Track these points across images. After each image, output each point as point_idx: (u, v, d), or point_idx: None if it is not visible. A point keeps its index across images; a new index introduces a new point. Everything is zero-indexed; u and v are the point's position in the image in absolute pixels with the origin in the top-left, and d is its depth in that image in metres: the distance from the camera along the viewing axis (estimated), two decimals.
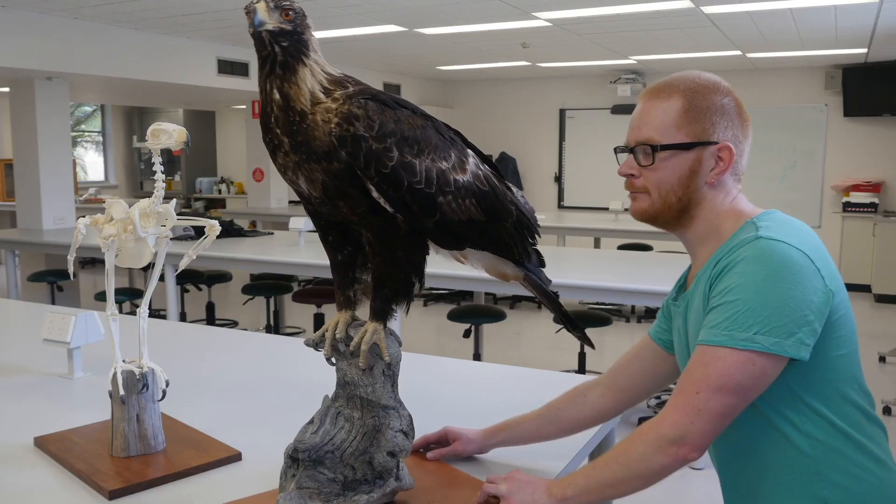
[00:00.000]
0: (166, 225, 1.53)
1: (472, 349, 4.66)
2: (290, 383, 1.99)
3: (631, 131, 1.30)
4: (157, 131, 1.45)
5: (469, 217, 1.28)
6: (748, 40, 6.70)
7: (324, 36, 6.36)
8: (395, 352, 1.27)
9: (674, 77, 1.29)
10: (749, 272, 1.13)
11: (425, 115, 1.28)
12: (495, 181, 1.35)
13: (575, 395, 1.49)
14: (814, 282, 1.12)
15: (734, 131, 1.25)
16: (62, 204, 6.20)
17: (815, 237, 1.20)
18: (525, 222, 1.41)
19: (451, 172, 1.25)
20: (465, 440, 1.47)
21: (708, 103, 1.24)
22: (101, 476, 1.37)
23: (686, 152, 1.24)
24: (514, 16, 5.61)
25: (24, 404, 1.83)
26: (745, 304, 1.11)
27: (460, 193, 1.26)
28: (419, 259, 1.27)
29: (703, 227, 1.28)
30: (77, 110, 11.96)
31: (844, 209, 8.28)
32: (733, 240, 1.21)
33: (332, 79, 1.21)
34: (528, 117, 10.08)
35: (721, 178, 1.25)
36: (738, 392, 1.12)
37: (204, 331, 2.75)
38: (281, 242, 5.30)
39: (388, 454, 1.23)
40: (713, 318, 1.15)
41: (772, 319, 1.10)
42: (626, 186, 1.32)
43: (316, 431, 1.23)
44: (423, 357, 2.29)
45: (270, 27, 1.17)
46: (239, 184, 11.88)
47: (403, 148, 1.19)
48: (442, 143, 1.26)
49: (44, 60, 5.51)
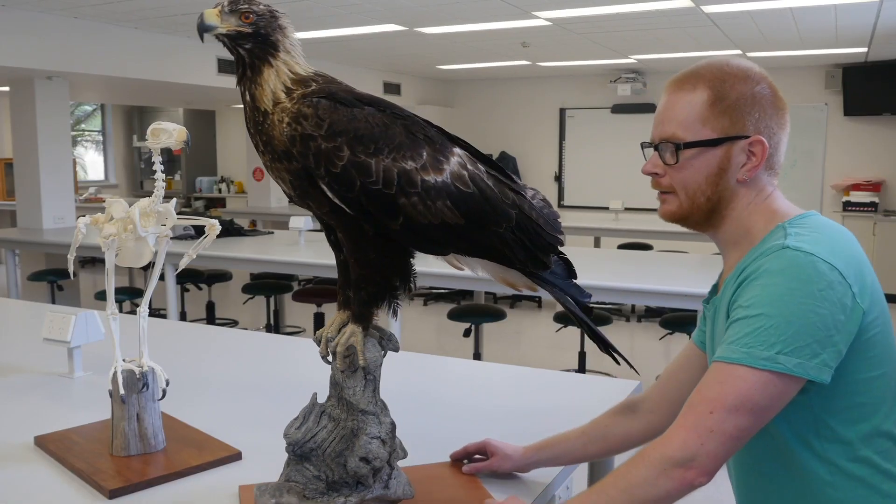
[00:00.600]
0: (166, 224, 1.53)
1: (473, 348, 4.66)
2: (291, 383, 1.99)
3: (655, 127, 1.23)
4: (157, 130, 1.45)
5: (442, 220, 1.19)
6: (748, 39, 6.70)
7: (323, 35, 6.36)
8: (373, 356, 1.23)
9: (700, 65, 1.20)
10: (772, 285, 1.05)
11: (397, 114, 1.22)
12: (488, 183, 1.24)
13: (623, 410, 1.40)
14: (843, 298, 1.04)
15: (767, 122, 1.16)
16: (62, 203, 6.20)
17: (853, 245, 1.12)
18: (531, 228, 1.27)
19: (419, 172, 1.18)
20: (502, 456, 1.39)
21: (737, 94, 1.16)
22: (101, 475, 1.37)
23: (713, 149, 1.16)
24: (514, 15, 5.61)
25: (24, 404, 1.83)
26: (768, 319, 1.03)
27: (429, 195, 1.18)
28: (398, 261, 1.23)
29: (734, 227, 1.20)
30: (77, 109, 11.96)
31: (844, 208, 8.28)
32: (761, 246, 1.13)
33: (297, 78, 1.21)
34: (528, 117, 10.08)
35: (753, 174, 1.17)
36: (754, 413, 1.03)
37: (204, 330, 2.75)
38: (281, 242, 5.29)
39: (361, 460, 1.20)
40: (733, 332, 1.07)
41: (796, 338, 1.02)
42: (652, 185, 1.24)
43: (299, 427, 1.24)
44: (423, 356, 2.29)
45: (223, 31, 1.20)
46: (239, 183, 11.87)
47: (356, 147, 1.15)
48: (410, 141, 1.19)
49: (44, 60, 5.50)
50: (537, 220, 1.28)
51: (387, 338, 1.28)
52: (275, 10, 1.23)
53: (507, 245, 1.25)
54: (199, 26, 1.20)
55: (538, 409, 1.80)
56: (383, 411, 1.24)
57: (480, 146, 6.81)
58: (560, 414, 1.77)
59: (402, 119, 1.21)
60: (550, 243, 1.30)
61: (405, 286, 1.25)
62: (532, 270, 1.31)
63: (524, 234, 1.26)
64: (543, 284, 1.34)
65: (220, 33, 1.20)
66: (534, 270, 1.31)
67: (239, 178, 11.93)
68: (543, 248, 1.29)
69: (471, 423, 1.71)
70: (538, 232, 1.28)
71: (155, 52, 6.25)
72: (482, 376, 2.17)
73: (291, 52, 1.22)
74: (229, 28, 1.19)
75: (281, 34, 1.22)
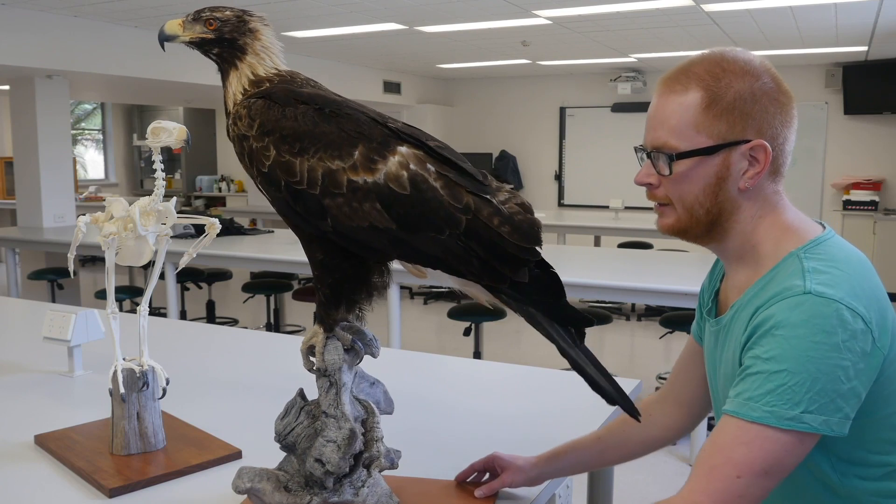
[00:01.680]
0: (166, 223, 1.53)
1: (473, 347, 4.66)
2: (291, 381, 1.99)
3: (647, 131, 1.12)
4: (157, 129, 1.45)
5: (370, 223, 1.11)
6: (749, 38, 6.69)
7: (323, 34, 6.36)
8: (331, 358, 1.21)
9: (694, 61, 1.09)
10: (795, 338, 0.97)
11: (336, 112, 1.15)
12: (433, 184, 1.11)
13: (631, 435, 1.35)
14: (864, 346, 0.98)
15: (770, 121, 1.05)
16: (62, 202, 6.20)
17: (872, 278, 1.04)
18: (488, 237, 1.11)
19: (346, 172, 1.11)
20: (514, 469, 1.32)
21: (734, 93, 1.05)
22: (101, 474, 1.37)
23: (710, 157, 1.06)
24: (515, 14, 5.60)
25: (24, 402, 1.83)
26: (792, 377, 0.96)
27: (356, 196, 1.10)
28: (346, 263, 1.18)
29: (739, 242, 1.11)
30: (77, 108, 11.96)
31: (845, 207, 8.28)
32: (775, 277, 1.04)
33: (256, 79, 1.22)
34: (528, 115, 10.08)
35: (756, 181, 1.07)
36: (782, 474, 0.98)
37: (204, 329, 2.75)
38: (281, 241, 5.30)
39: (317, 461, 1.19)
40: (752, 386, 0.99)
41: (820, 396, 0.96)
42: (647, 197, 1.15)
43: (282, 419, 1.25)
44: (423, 356, 2.29)
45: (186, 39, 1.25)
46: (239, 182, 11.87)
47: (281, 146, 1.12)
48: (342, 140, 1.12)
49: (44, 58, 5.50)
50: (500, 227, 1.11)
51: (366, 342, 1.25)
52: (244, 14, 1.24)
53: (451, 253, 1.12)
54: (159, 36, 1.25)
55: (539, 409, 1.80)
56: (343, 417, 1.21)
57: (480, 145, 6.76)
58: (561, 413, 1.77)
59: (339, 117, 1.15)
60: (514, 254, 1.12)
61: (362, 289, 1.21)
62: (492, 284, 1.15)
63: (478, 243, 1.11)
64: (509, 302, 1.16)
65: (182, 41, 1.25)
66: (493, 284, 1.15)
67: (239, 177, 11.92)
68: (504, 260, 1.12)
69: (471, 422, 1.70)
70: (495, 241, 1.11)
71: (155, 51, 6.18)
72: (482, 375, 2.17)
73: (261, 53, 1.23)
74: (192, 36, 1.24)
75: (250, 37, 1.23)
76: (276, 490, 1.21)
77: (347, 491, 1.22)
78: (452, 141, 10.19)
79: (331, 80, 1.34)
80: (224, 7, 1.24)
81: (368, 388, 1.32)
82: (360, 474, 1.23)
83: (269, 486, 1.22)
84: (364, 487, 1.22)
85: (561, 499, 1.47)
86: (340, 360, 1.22)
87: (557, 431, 1.58)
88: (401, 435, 1.38)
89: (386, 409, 1.34)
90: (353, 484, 1.22)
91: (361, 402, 1.27)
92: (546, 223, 6.80)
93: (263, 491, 1.21)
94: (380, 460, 1.23)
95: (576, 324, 1.19)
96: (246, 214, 8.33)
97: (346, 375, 1.23)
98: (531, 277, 1.14)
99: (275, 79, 1.22)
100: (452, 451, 1.51)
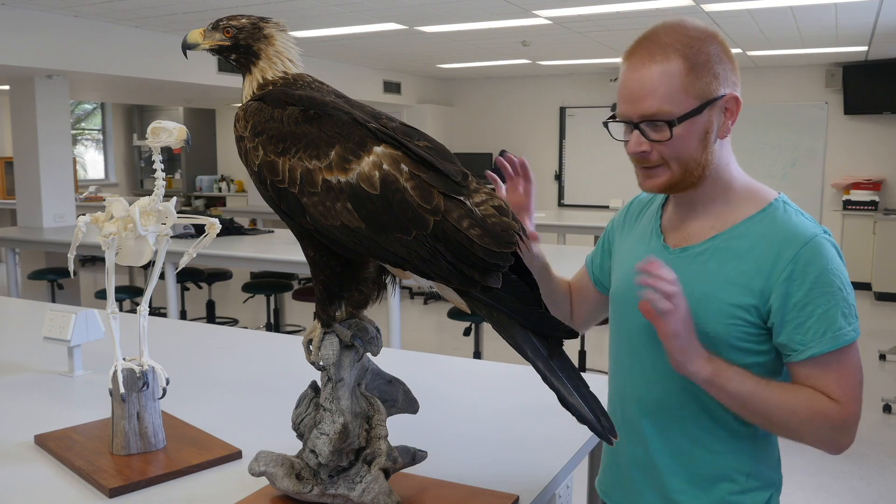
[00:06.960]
0: (166, 223, 1.53)
1: (473, 347, 4.66)
2: (291, 381, 1.99)
3: (630, 103, 1.20)
4: (157, 129, 1.45)
5: (342, 222, 1.14)
6: (749, 38, 6.70)
7: (324, 34, 6.36)
8: (326, 353, 1.23)
9: (661, 33, 1.20)
10: (831, 272, 1.17)
11: (321, 113, 1.17)
12: (404, 185, 1.11)
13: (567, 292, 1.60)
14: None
15: (729, 76, 1.20)
16: (62, 202, 6.20)
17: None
18: (455, 239, 1.10)
19: (321, 172, 1.14)
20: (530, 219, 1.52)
21: (706, 56, 1.18)
22: (101, 474, 1.37)
23: (700, 115, 1.19)
24: (515, 14, 5.61)
25: (24, 402, 1.83)
26: (843, 300, 1.18)
27: (329, 195, 1.13)
28: (334, 261, 1.21)
29: (713, 187, 1.25)
30: (77, 108, 11.96)
31: (845, 207, 8.28)
32: (774, 218, 1.22)
33: (263, 83, 1.27)
34: (528, 115, 10.08)
35: (730, 129, 1.22)
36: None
37: (204, 329, 2.75)
38: (281, 240, 5.30)
39: (311, 452, 1.23)
40: (823, 323, 1.17)
41: (853, 307, 1.19)
42: (639, 163, 1.24)
43: (296, 409, 1.29)
44: (423, 355, 2.29)
45: (206, 47, 1.31)
46: (239, 182, 11.88)
47: (268, 146, 1.18)
48: (321, 140, 1.15)
49: (44, 58, 5.50)
50: (469, 229, 1.10)
51: (367, 339, 1.26)
52: (259, 21, 1.29)
53: (415, 255, 1.11)
54: (182, 44, 1.32)
55: (539, 408, 1.80)
56: (338, 412, 1.22)
57: (480, 145, 6.78)
58: (561, 412, 1.77)
59: (321, 118, 1.17)
60: (483, 258, 1.10)
61: (353, 287, 1.24)
62: (461, 288, 1.13)
63: (445, 246, 1.10)
64: (479, 307, 1.15)
65: (203, 49, 1.32)
66: (461, 288, 1.13)
67: (239, 177, 11.93)
68: (472, 264, 1.10)
69: (471, 422, 1.71)
70: (463, 244, 1.10)
71: (155, 51, 6.25)
72: (482, 375, 2.17)
73: (273, 58, 1.28)
74: (212, 44, 1.30)
75: (265, 43, 1.28)
76: (287, 476, 1.25)
77: (343, 485, 1.23)
78: (452, 141, 10.21)
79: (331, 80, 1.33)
80: (240, 15, 1.30)
81: (385, 385, 1.33)
82: (359, 469, 1.24)
83: (280, 471, 1.25)
84: (361, 483, 1.23)
85: (561, 499, 1.47)
86: (335, 356, 1.24)
87: (557, 431, 1.58)
88: (401, 435, 1.38)
89: (406, 408, 1.36)
90: (350, 479, 1.23)
91: (368, 398, 1.28)
92: (546, 223, 6.80)
93: (275, 475, 1.25)
94: (381, 458, 1.23)
95: (555, 334, 1.16)
96: (246, 214, 8.33)
97: (345, 371, 1.24)
98: (506, 283, 1.12)
99: (279, 82, 1.27)
100: (452, 451, 1.51)
